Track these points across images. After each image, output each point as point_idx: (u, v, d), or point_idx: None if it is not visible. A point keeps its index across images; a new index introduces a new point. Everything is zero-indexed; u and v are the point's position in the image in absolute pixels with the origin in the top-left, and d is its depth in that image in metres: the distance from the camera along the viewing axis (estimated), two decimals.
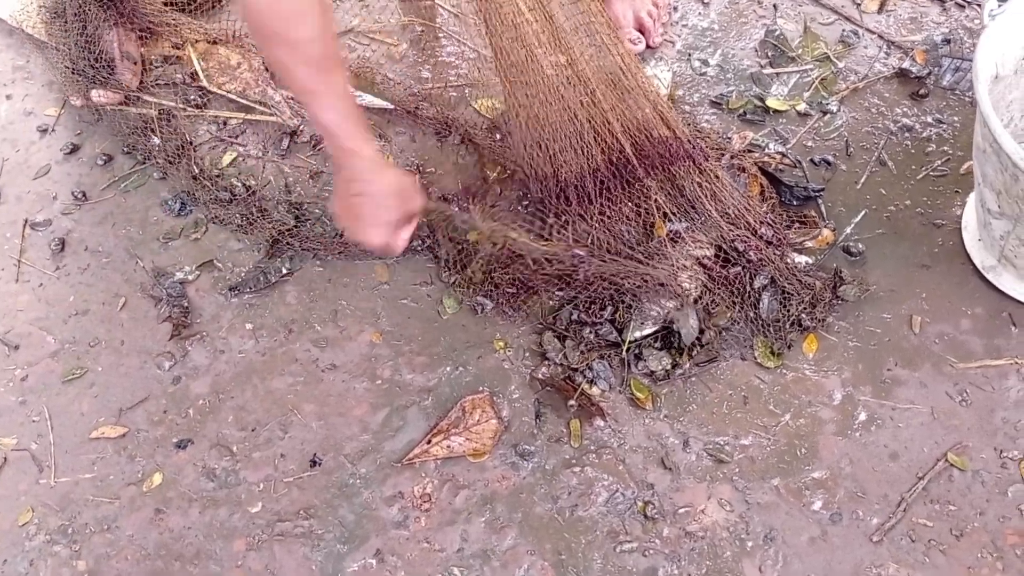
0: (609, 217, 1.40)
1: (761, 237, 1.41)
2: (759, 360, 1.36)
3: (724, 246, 1.40)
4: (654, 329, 1.38)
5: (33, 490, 1.34)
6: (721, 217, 1.40)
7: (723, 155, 1.49)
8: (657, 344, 1.38)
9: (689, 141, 1.41)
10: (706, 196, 1.40)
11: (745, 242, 1.39)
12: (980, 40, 1.27)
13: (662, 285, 1.36)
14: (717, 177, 1.41)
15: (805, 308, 1.39)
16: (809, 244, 1.45)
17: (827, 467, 1.29)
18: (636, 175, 1.40)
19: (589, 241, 1.39)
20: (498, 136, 1.56)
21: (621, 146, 1.37)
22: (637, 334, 1.37)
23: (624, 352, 1.37)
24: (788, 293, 1.39)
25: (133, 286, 1.50)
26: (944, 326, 1.39)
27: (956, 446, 1.30)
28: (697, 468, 1.30)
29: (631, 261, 1.38)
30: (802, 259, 1.44)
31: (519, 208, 1.49)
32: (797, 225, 1.47)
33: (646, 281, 1.36)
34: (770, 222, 1.43)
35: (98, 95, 1.64)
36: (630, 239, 1.40)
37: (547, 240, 1.40)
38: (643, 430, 1.34)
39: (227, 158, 1.62)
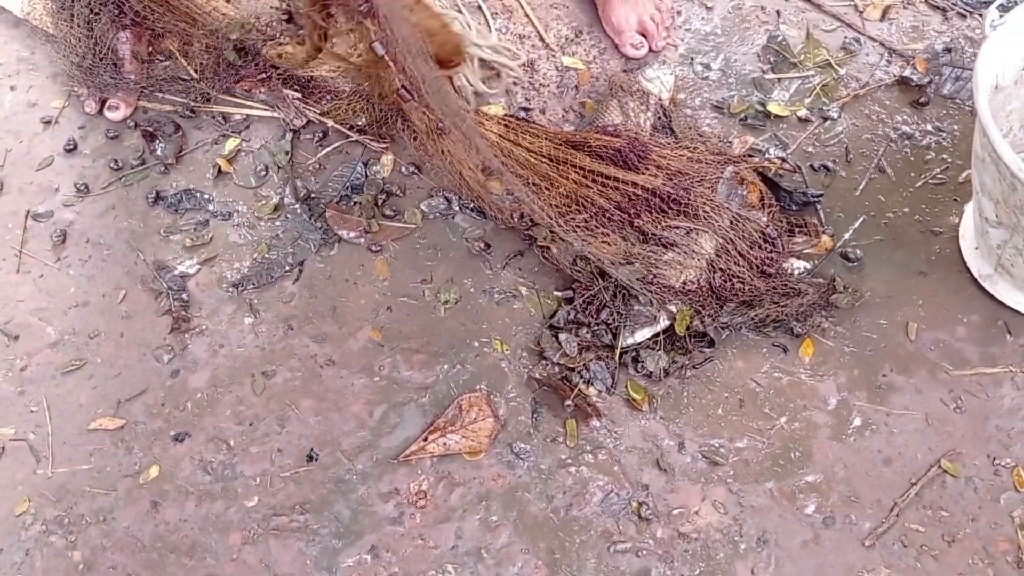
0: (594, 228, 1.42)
1: (751, 262, 1.41)
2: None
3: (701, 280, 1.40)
4: (646, 336, 1.38)
5: (30, 480, 1.34)
6: (704, 243, 1.41)
7: (723, 166, 1.49)
8: (656, 346, 1.38)
9: (665, 184, 1.43)
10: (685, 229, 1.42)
11: (727, 280, 1.39)
12: (981, 50, 1.28)
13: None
14: (705, 213, 1.42)
15: (795, 316, 1.39)
16: (808, 250, 1.46)
17: (821, 471, 1.30)
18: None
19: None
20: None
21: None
22: (629, 340, 1.38)
23: (618, 356, 1.38)
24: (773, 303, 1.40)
25: (134, 279, 1.51)
26: (940, 333, 1.40)
27: (949, 453, 1.31)
28: (692, 470, 1.31)
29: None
30: (800, 264, 1.44)
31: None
32: (797, 232, 1.47)
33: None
34: (762, 242, 1.43)
35: (113, 114, 1.65)
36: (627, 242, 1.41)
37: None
38: (639, 431, 1.34)
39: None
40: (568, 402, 1.36)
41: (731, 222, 1.42)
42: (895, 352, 1.39)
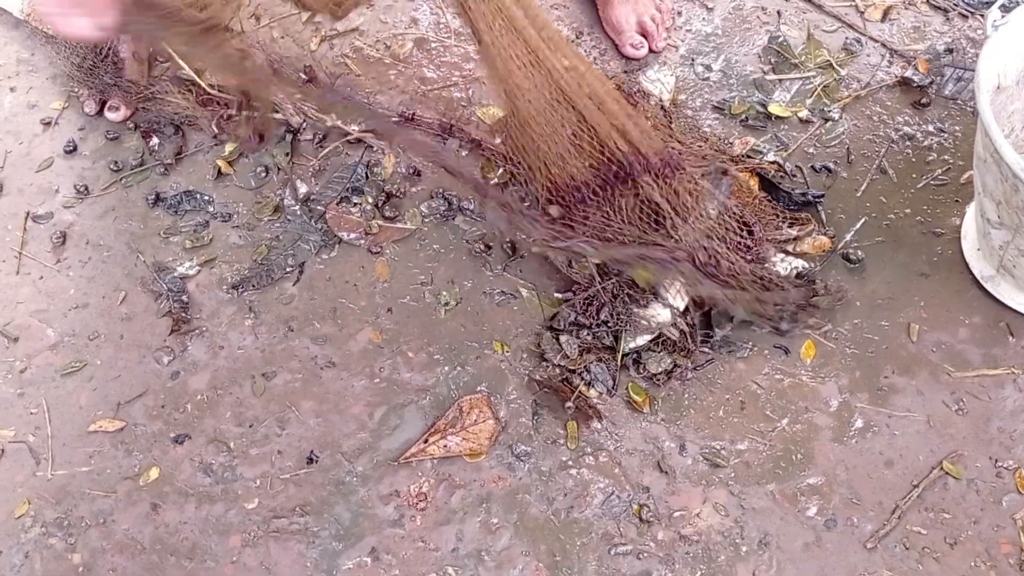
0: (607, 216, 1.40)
1: (738, 244, 1.39)
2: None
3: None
4: (647, 340, 1.38)
5: (30, 482, 1.34)
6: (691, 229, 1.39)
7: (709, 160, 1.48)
8: (657, 348, 1.38)
9: (657, 153, 1.41)
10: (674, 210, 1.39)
11: (712, 256, 1.37)
12: (983, 50, 1.28)
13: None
14: (690, 192, 1.40)
15: (781, 316, 1.38)
16: (807, 250, 1.45)
17: (822, 473, 1.30)
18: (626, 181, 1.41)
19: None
20: (498, 140, 1.56)
21: (610, 156, 1.38)
22: (631, 344, 1.37)
23: (619, 360, 1.37)
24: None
25: (133, 280, 1.50)
26: (942, 335, 1.39)
27: (951, 455, 1.30)
28: (693, 472, 1.31)
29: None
30: (799, 263, 1.43)
31: (521, 208, 1.49)
32: (789, 223, 1.45)
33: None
34: (750, 228, 1.41)
35: (113, 115, 1.65)
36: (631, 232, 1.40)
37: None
38: (640, 433, 1.34)
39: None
40: (569, 404, 1.35)
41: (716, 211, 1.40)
42: (897, 354, 1.38)
